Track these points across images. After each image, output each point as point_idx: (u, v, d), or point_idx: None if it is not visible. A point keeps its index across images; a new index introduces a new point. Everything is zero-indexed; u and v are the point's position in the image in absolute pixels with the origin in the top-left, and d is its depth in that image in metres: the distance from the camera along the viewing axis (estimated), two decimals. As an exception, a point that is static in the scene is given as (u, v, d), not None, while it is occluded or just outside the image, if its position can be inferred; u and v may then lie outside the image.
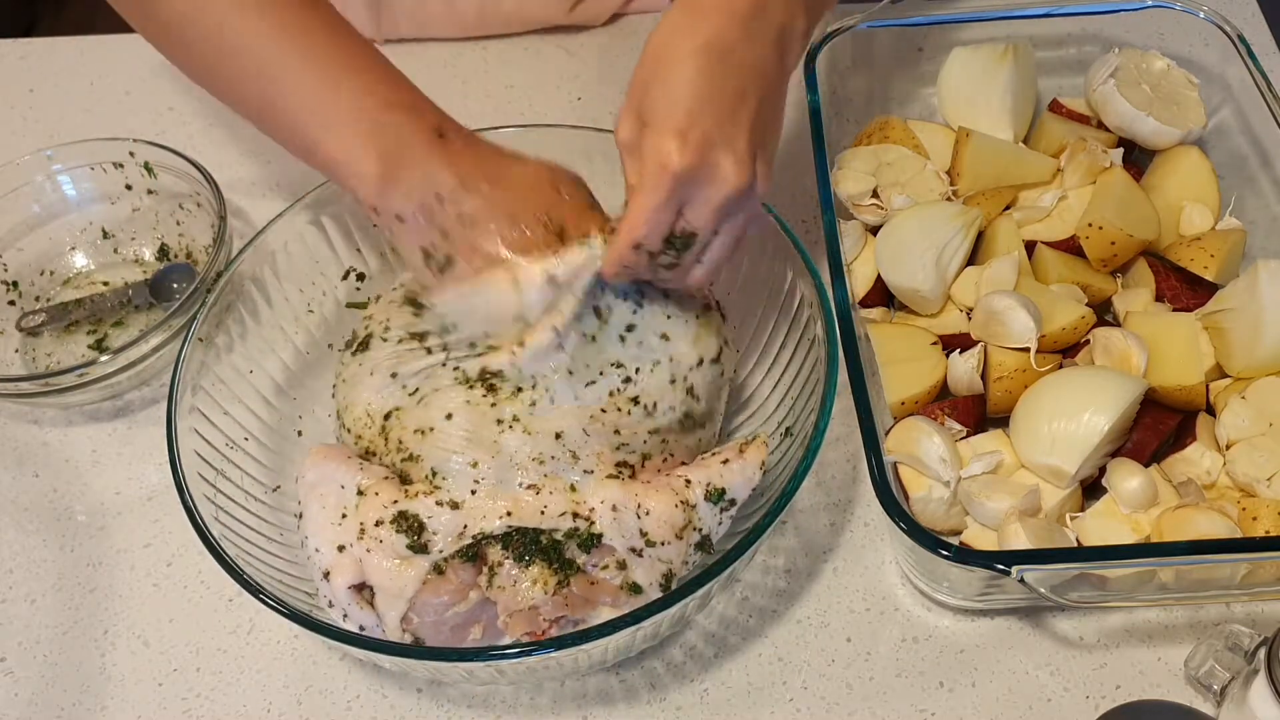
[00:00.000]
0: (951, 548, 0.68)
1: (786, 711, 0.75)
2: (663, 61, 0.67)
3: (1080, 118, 0.95)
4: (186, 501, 0.71)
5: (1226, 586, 0.74)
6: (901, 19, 0.96)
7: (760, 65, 0.69)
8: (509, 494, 0.70)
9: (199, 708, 0.76)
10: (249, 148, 1.06)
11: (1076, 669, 0.75)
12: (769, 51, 0.69)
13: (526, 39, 1.13)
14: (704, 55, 0.67)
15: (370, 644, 0.66)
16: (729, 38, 0.67)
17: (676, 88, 0.66)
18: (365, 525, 0.70)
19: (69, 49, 1.17)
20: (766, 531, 0.68)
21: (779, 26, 0.70)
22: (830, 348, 0.75)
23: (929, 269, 0.84)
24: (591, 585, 0.70)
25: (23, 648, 0.80)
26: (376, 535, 0.70)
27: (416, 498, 0.70)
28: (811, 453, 0.71)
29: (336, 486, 0.72)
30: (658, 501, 0.71)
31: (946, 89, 0.97)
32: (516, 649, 0.66)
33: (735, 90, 0.67)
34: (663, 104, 0.66)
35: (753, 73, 0.68)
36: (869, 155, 0.92)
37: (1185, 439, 0.79)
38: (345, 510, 0.71)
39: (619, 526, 0.70)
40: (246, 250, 0.82)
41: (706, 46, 0.67)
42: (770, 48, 0.69)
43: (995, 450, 0.78)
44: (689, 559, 0.72)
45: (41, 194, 0.97)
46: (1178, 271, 0.86)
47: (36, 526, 0.85)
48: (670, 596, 0.67)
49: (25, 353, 0.94)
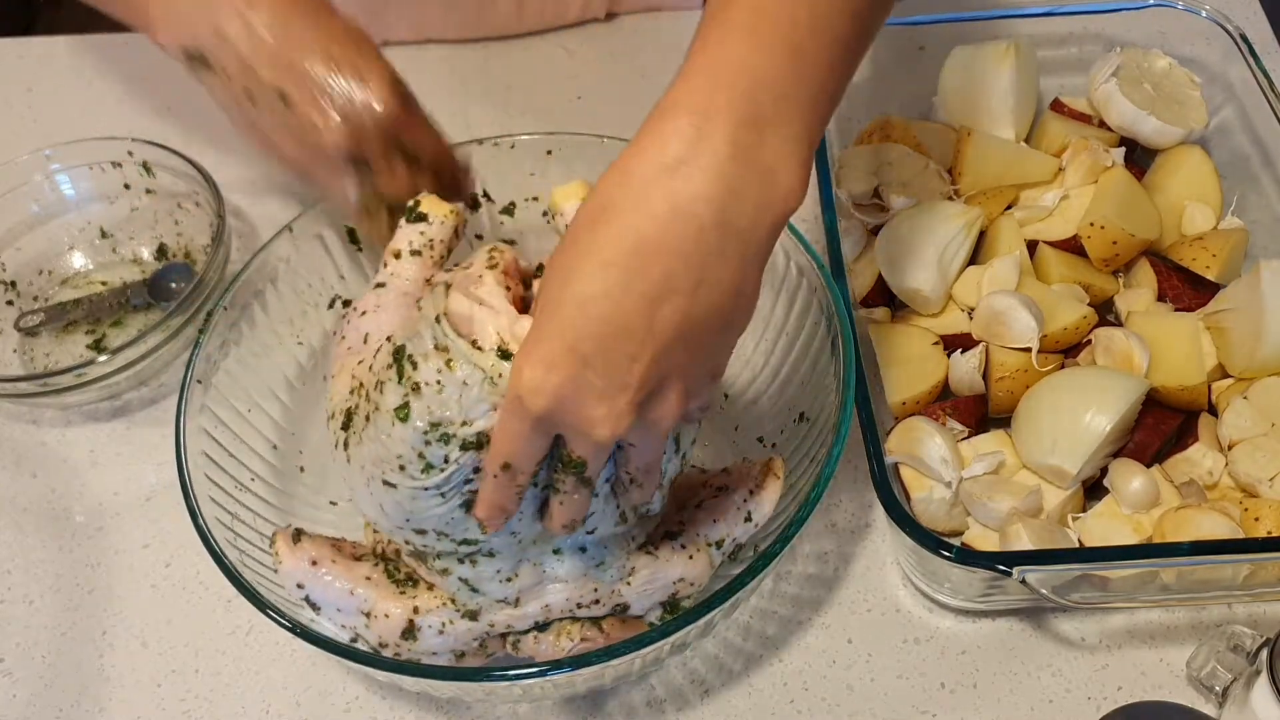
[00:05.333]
0: (953, 549, 0.68)
1: (787, 713, 0.74)
2: (569, 249, 0.53)
3: (1082, 117, 0.95)
4: (191, 504, 0.70)
5: (1228, 587, 0.74)
6: (903, 18, 0.96)
7: (711, 253, 0.52)
8: (540, 601, 0.67)
9: (198, 709, 0.76)
10: (248, 147, 1.06)
11: (1078, 670, 0.75)
12: (736, 231, 0.53)
13: (526, 39, 1.13)
14: (619, 256, 0.51)
15: (366, 659, 0.65)
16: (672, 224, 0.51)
17: (568, 300, 0.52)
18: (384, 639, 0.68)
19: (68, 48, 1.17)
20: (778, 558, 0.67)
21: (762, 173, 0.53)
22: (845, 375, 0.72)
23: (930, 269, 0.84)
24: (624, 624, 0.69)
25: (21, 649, 0.79)
26: (395, 648, 0.68)
27: (431, 613, 0.67)
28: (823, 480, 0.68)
29: (333, 609, 0.68)
30: (685, 569, 0.69)
31: (948, 88, 0.96)
32: (516, 672, 0.63)
33: (644, 304, 0.51)
34: (547, 310, 0.53)
35: (689, 270, 0.52)
36: (870, 154, 0.92)
37: (1187, 439, 0.79)
38: (357, 632, 0.68)
39: (648, 599, 0.69)
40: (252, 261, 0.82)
41: (627, 244, 0.51)
42: (742, 217, 0.53)
43: (997, 451, 0.78)
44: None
45: (40, 193, 0.97)
46: (1180, 271, 0.86)
47: (35, 527, 0.85)
48: (678, 621, 0.65)
49: (23, 353, 0.94)
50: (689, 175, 0.52)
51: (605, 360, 0.52)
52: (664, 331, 0.52)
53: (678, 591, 0.70)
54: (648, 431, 0.56)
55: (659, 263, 0.51)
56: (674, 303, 0.52)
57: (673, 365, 0.53)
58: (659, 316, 0.52)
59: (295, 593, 0.68)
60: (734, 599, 0.65)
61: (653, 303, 0.51)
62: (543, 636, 0.69)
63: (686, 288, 0.52)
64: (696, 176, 0.52)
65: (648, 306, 0.51)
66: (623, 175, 0.53)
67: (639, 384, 0.53)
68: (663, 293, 0.52)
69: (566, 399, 0.53)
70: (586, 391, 0.52)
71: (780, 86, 0.54)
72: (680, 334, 0.53)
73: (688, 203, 0.51)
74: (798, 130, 0.55)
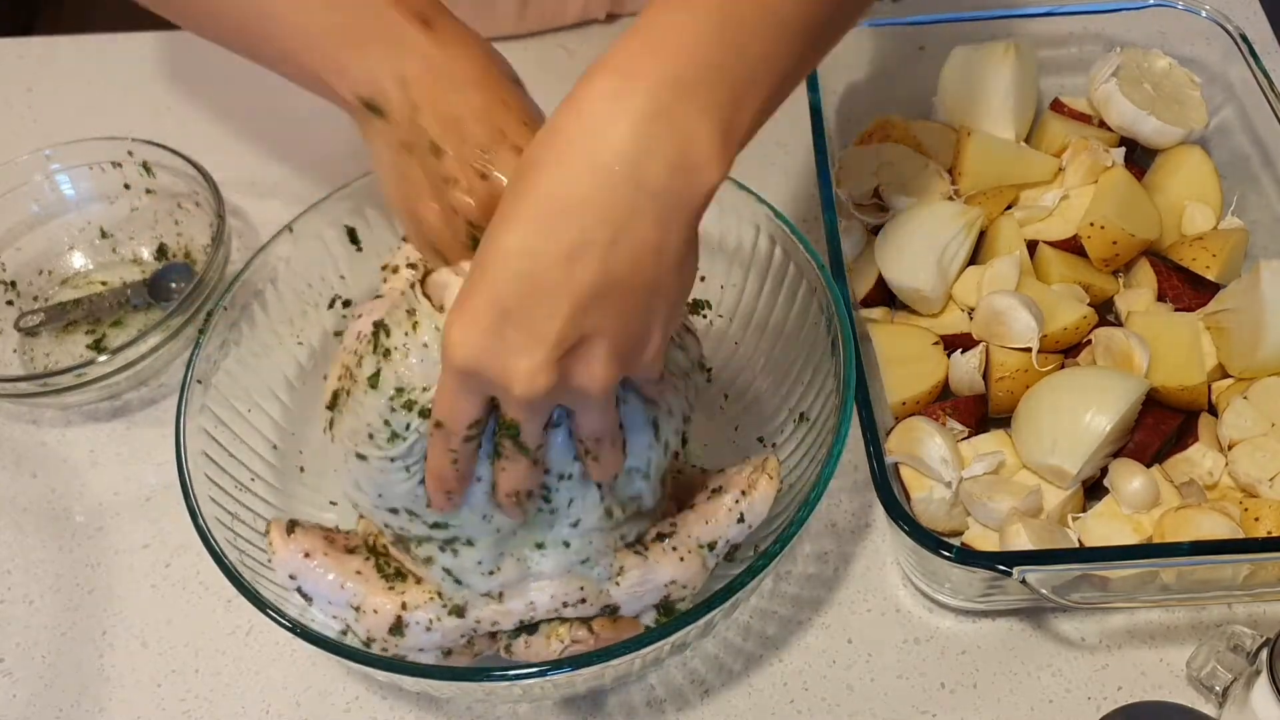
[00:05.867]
0: (953, 549, 0.68)
1: (787, 713, 0.74)
2: (500, 207, 0.54)
3: (1082, 117, 0.95)
4: (191, 504, 0.70)
5: (1229, 587, 0.74)
6: (903, 18, 0.96)
7: (625, 209, 0.52)
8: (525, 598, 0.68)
9: (198, 709, 0.76)
10: (247, 147, 1.06)
11: (1078, 670, 0.75)
12: (651, 190, 0.53)
13: (526, 39, 1.13)
14: (539, 210, 0.52)
15: (366, 659, 0.65)
16: (588, 179, 0.52)
17: (492, 255, 0.53)
18: (373, 634, 0.68)
19: (67, 48, 1.17)
20: (778, 557, 0.67)
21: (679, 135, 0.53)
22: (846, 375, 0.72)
23: (930, 269, 0.84)
24: (614, 625, 0.69)
25: (21, 649, 0.79)
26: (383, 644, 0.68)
27: (419, 609, 0.67)
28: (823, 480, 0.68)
29: (325, 601, 0.68)
30: (676, 570, 0.69)
31: (948, 88, 0.96)
32: (517, 672, 0.63)
33: (561, 258, 0.52)
34: (476, 266, 0.54)
35: (604, 225, 0.52)
36: (869, 155, 0.92)
37: (1187, 439, 0.79)
38: (347, 624, 0.68)
39: (639, 602, 0.69)
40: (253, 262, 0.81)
41: (548, 199, 0.52)
42: (656, 176, 0.53)
43: (997, 451, 0.78)
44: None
45: (40, 193, 0.97)
46: (1180, 271, 0.86)
47: (34, 527, 0.85)
48: (678, 621, 0.65)
49: (23, 353, 0.94)
50: (605, 132, 0.52)
51: (524, 314, 0.52)
52: (582, 286, 0.52)
53: (670, 594, 0.69)
54: (580, 395, 0.56)
55: (575, 217, 0.52)
56: (591, 257, 0.52)
57: (594, 324, 0.53)
58: (576, 271, 0.52)
59: (288, 583, 0.68)
60: (733, 599, 0.65)
61: (569, 257, 0.52)
62: (532, 639, 0.69)
63: (602, 242, 0.52)
64: (612, 133, 0.52)
65: (565, 261, 0.52)
66: (548, 133, 0.53)
67: (557, 339, 0.53)
68: (579, 247, 0.52)
69: (485, 352, 0.53)
70: (506, 346, 0.53)
71: (709, 60, 0.55)
72: (598, 290, 0.53)
73: (603, 158, 0.52)
74: (722, 101, 0.55)
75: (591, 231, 0.52)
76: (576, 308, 0.53)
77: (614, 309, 0.54)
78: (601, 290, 0.53)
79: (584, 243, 0.52)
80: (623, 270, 0.53)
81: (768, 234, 0.81)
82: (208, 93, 1.11)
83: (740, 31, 0.56)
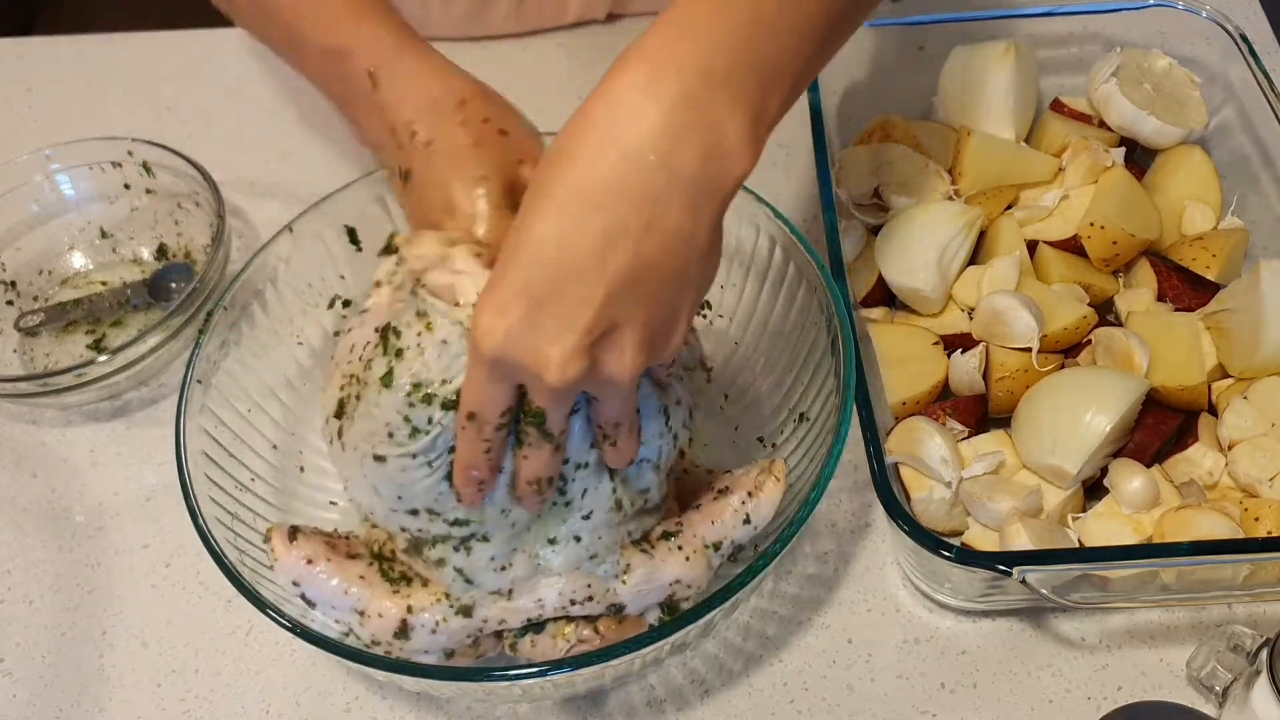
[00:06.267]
0: (953, 549, 0.68)
1: (787, 713, 0.74)
2: (529, 196, 0.54)
3: (1082, 117, 0.95)
4: (191, 504, 0.70)
5: (1229, 587, 0.74)
6: (903, 18, 0.96)
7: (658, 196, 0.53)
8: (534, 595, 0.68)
9: (198, 709, 0.76)
10: (247, 147, 1.06)
11: (1078, 670, 0.75)
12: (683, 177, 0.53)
13: (526, 39, 1.13)
14: (571, 199, 0.53)
15: (366, 659, 0.65)
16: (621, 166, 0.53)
17: (523, 244, 0.53)
18: (377, 637, 0.68)
19: (67, 48, 1.17)
20: (779, 555, 0.67)
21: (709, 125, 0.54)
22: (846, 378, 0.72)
23: (930, 268, 0.84)
24: (619, 624, 0.69)
25: (21, 649, 0.79)
26: (387, 647, 0.68)
27: (425, 611, 0.67)
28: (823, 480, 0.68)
29: (328, 606, 0.68)
30: (681, 570, 0.69)
31: (947, 88, 0.96)
32: (517, 672, 0.63)
33: (595, 245, 0.52)
34: (505, 255, 0.54)
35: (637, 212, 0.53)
36: (869, 154, 0.91)
37: (1187, 439, 0.79)
38: (350, 628, 0.68)
39: (644, 600, 0.69)
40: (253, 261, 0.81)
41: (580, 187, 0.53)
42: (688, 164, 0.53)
43: (997, 451, 0.78)
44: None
45: (40, 193, 0.97)
46: (1180, 271, 0.86)
47: (34, 527, 0.85)
48: (678, 621, 0.65)
49: (23, 353, 0.94)
50: (637, 120, 0.53)
51: (557, 301, 0.53)
52: (615, 273, 0.53)
53: (674, 594, 0.69)
54: (607, 383, 0.56)
55: (608, 205, 0.53)
56: (624, 244, 0.53)
57: (625, 311, 0.54)
58: (610, 258, 0.53)
59: (290, 589, 0.68)
60: (734, 599, 0.65)
61: (603, 244, 0.53)
62: (538, 638, 0.69)
63: (636, 229, 0.53)
64: (644, 121, 0.53)
65: (599, 248, 0.52)
66: (578, 121, 0.54)
67: (589, 326, 0.53)
68: (613, 234, 0.53)
69: (518, 340, 0.53)
70: (538, 333, 0.53)
71: (739, 50, 0.56)
72: (631, 277, 0.53)
73: (635, 146, 0.53)
74: (750, 95, 0.56)
75: (625, 219, 0.53)
76: (609, 295, 0.53)
77: (645, 296, 0.54)
78: (634, 277, 0.53)
79: (617, 230, 0.53)
80: (655, 257, 0.54)
81: (768, 234, 0.81)
82: (208, 93, 1.11)
83: (769, 24, 0.57)
